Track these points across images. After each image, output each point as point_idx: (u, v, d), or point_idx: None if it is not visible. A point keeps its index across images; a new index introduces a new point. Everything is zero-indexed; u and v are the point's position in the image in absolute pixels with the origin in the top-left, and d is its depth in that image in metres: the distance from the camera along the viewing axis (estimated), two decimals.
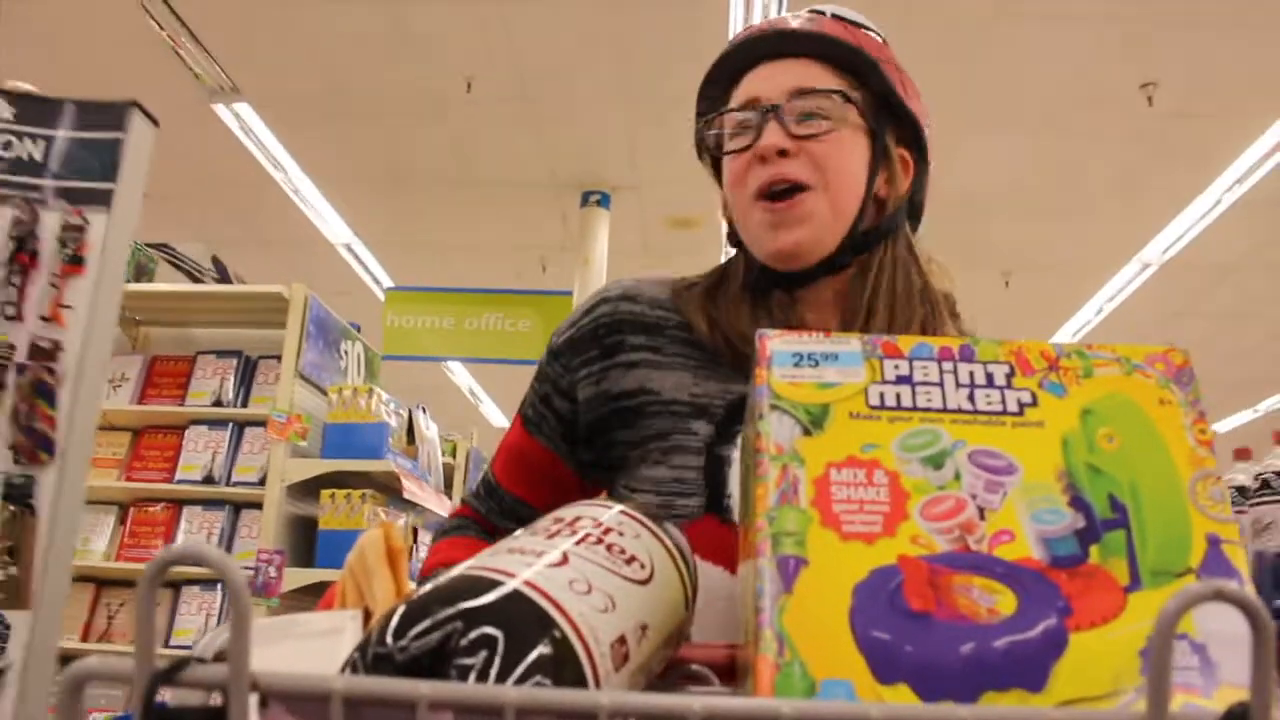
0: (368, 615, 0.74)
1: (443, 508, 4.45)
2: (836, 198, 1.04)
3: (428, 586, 0.51)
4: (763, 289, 1.08)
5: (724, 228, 1.17)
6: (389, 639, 0.46)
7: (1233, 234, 7.22)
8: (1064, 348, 0.59)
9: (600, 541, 0.60)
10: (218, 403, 4.00)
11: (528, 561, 0.54)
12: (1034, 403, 0.57)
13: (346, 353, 4.34)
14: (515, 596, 0.49)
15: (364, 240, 8.20)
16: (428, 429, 4.64)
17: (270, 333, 4.00)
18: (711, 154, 1.14)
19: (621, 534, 0.62)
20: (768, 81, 1.07)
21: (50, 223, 2.30)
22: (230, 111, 6.14)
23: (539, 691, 0.37)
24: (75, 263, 2.29)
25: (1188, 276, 8.11)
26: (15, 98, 2.37)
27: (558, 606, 0.50)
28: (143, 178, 2.42)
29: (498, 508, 1.17)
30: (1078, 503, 0.53)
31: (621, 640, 0.52)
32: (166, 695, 0.39)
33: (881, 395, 0.57)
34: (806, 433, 0.56)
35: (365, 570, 0.77)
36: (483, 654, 0.45)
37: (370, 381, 4.52)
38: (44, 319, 2.26)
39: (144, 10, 5.02)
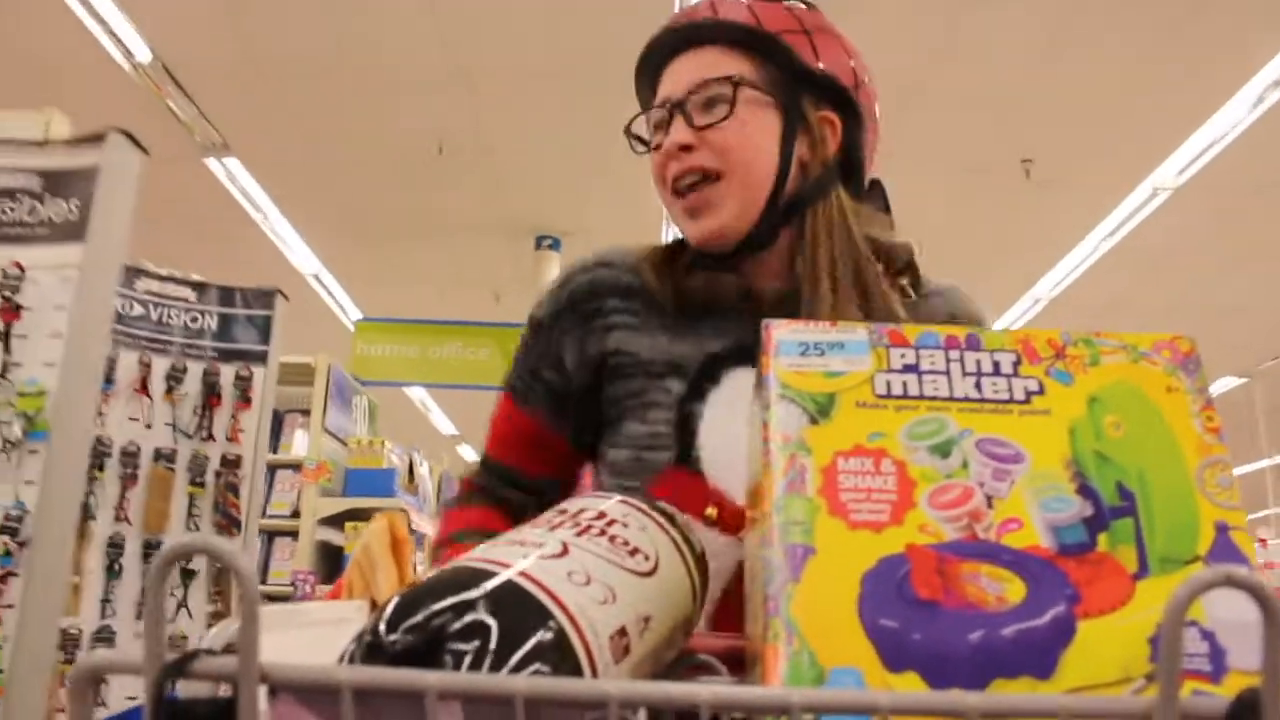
0: (374, 606, 0.75)
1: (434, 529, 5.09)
2: (746, 178, 1.06)
3: (426, 578, 0.51)
4: (708, 267, 1.10)
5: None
6: (383, 629, 0.47)
7: (1104, 280, 8.11)
8: (1071, 335, 0.59)
9: (603, 533, 0.60)
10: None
11: (526, 553, 0.54)
12: (1041, 391, 0.57)
13: (356, 405, 5.48)
14: (510, 587, 0.49)
15: (334, 274, 8.88)
16: (422, 467, 5.83)
17: (295, 390, 4.88)
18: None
19: (626, 525, 0.62)
20: (673, 77, 1.10)
21: (227, 374, 3.54)
22: (220, 164, 6.72)
23: (548, 681, 0.37)
24: (245, 401, 3.55)
25: (1068, 314, 8.87)
26: (198, 285, 3.59)
27: (553, 597, 0.50)
28: (280, 344, 3.67)
29: (498, 480, 1.19)
30: (1085, 490, 0.53)
31: (622, 632, 0.52)
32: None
33: (888, 384, 0.57)
34: (813, 422, 0.56)
35: (370, 561, 0.77)
36: (476, 642, 0.45)
37: (372, 425, 5.65)
38: (228, 439, 3.49)
39: (145, 76, 5.53)
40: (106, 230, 2.42)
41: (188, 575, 3.40)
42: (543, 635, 0.47)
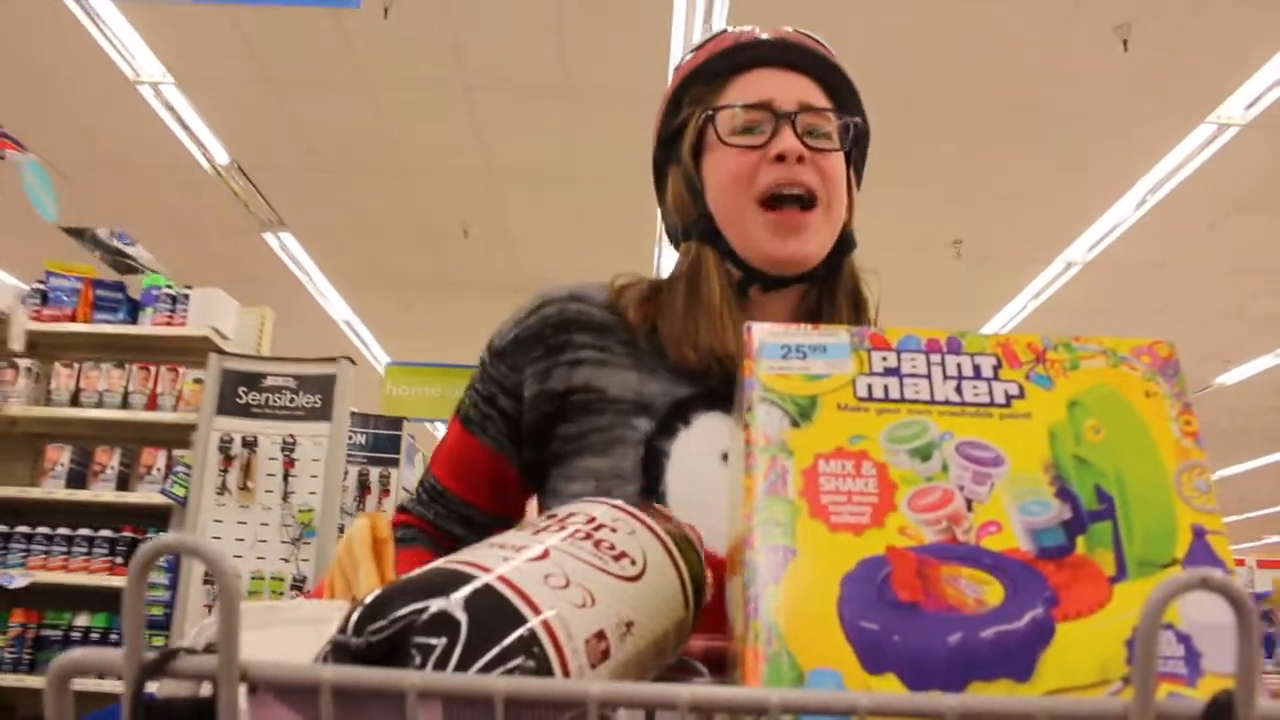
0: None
1: None
2: (836, 211, 1.08)
3: (400, 579, 0.51)
4: (743, 288, 1.10)
5: (670, 224, 1.19)
6: (351, 626, 0.47)
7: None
8: (1051, 340, 0.60)
9: (588, 537, 0.59)
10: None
11: (505, 555, 0.54)
12: (1021, 395, 0.57)
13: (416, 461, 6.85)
14: (482, 588, 0.49)
15: (366, 324, 10.38)
16: None
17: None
18: (693, 149, 1.12)
19: (614, 530, 0.61)
20: (781, 89, 1.07)
21: (374, 474, 5.95)
22: (275, 238, 8.00)
23: (528, 681, 0.37)
24: (385, 492, 5.90)
25: None
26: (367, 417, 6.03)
27: (526, 598, 0.49)
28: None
29: (444, 511, 1.14)
30: (1064, 494, 0.54)
31: (600, 636, 0.52)
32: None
33: (869, 387, 0.57)
34: (795, 424, 0.56)
35: (352, 561, 0.77)
36: (443, 639, 0.45)
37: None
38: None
39: (219, 172, 6.77)
40: (340, 413, 4.50)
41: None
42: (514, 636, 0.47)
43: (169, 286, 4.89)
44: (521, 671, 0.45)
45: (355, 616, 0.47)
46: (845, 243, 1.11)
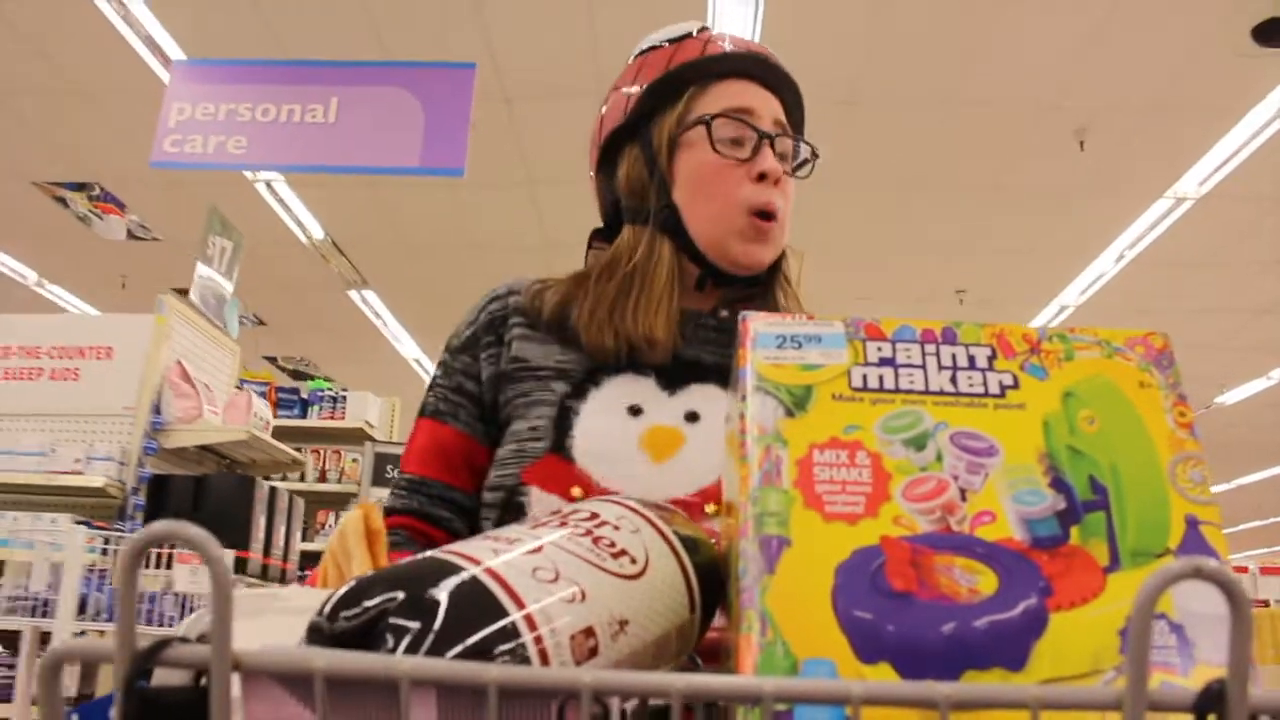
0: None
1: None
2: (785, 227, 1.18)
3: (386, 567, 0.50)
4: (701, 283, 1.17)
5: (609, 199, 1.24)
6: (326, 612, 0.47)
7: None
8: (1046, 330, 0.60)
9: (588, 533, 0.58)
10: None
11: (496, 548, 0.53)
12: (1015, 385, 0.57)
13: None
14: (462, 576, 0.49)
15: (431, 361, 11.19)
16: None
17: None
18: (672, 134, 1.17)
19: (616, 528, 0.60)
20: (763, 105, 1.16)
21: None
22: (359, 294, 9.20)
23: (521, 670, 0.37)
24: None
25: None
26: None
27: (507, 588, 0.49)
28: None
29: (426, 499, 1.16)
30: (1058, 484, 0.54)
31: (589, 632, 0.51)
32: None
33: (864, 377, 0.57)
34: (789, 414, 0.56)
35: (345, 552, 0.77)
36: (417, 623, 0.45)
37: None
38: None
39: (314, 243, 8.04)
40: None
41: None
42: (492, 626, 0.47)
43: (329, 389, 6.79)
44: (498, 662, 0.45)
45: (334, 600, 0.47)
46: (782, 258, 1.22)
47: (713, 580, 0.64)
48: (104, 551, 3.53)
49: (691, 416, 1.07)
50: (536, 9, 5.14)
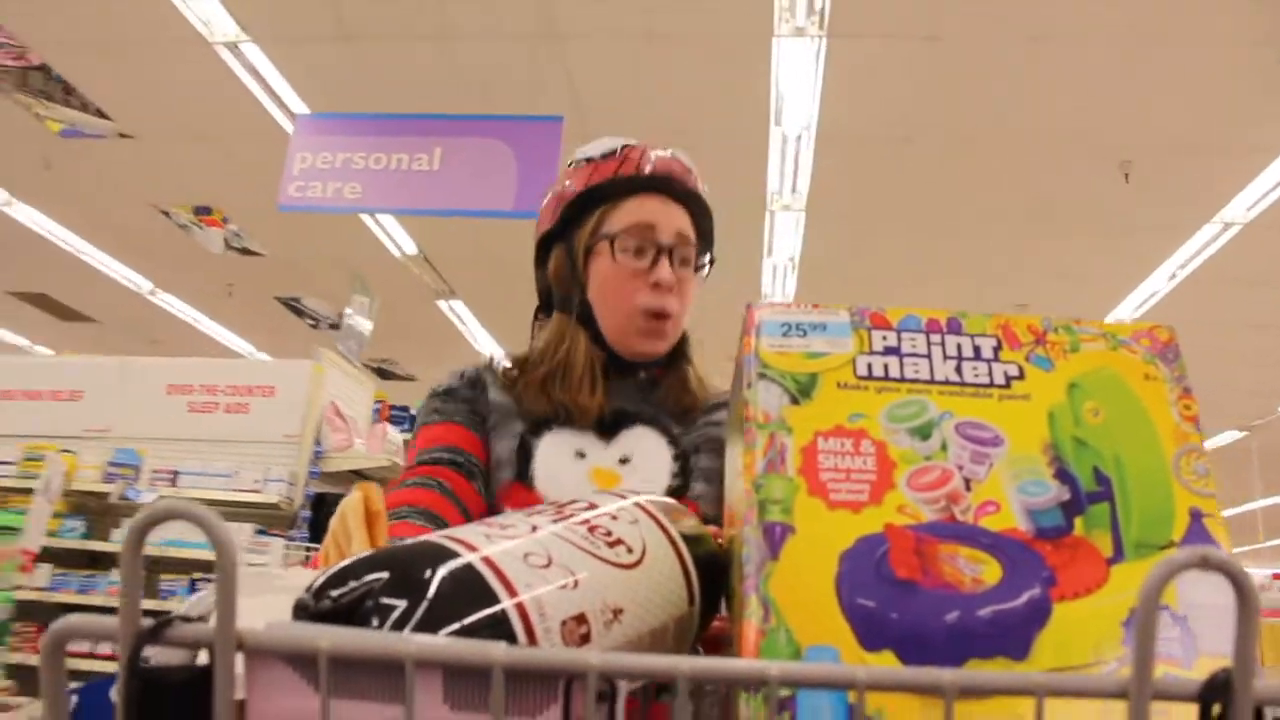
0: None
1: None
2: (680, 322, 1.34)
3: (378, 549, 0.50)
4: (606, 370, 1.33)
5: (543, 286, 1.42)
6: (312, 590, 0.47)
7: None
8: (1052, 322, 0.60)
9: (585, 522, 0.58)
10: None
11: (488, 533, 0.53)
12: (1021, 376, 0.57)
13: None
14: (453, 559, 0.49)
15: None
16: None
17: None
18: (588, 244, 1.33)
19: (615, 518, 0.60)
20: (664, 219, 1.31)
21: None
22: (447, 305, 10.05)
23: (528, 651, 0.36)
24: None
25: None
26: None
27: (497, 571, 0.49)
28: None
29: (440, 462, 1.26)
30: (1063, 475, 0.54)
31: (580, 619, 0.51)
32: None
33: (869, 366, 0.57)
34: (794, 401, 0.56)
35: (346, 533, 0.77)
36: (404, 602, 0.45)
37: None
38: None
39: (407, 258, 8.71)
40: None
41: None
42: (481, 608, 0.46)
43: None
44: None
45: (322, 579, 0.47)
46: (683, 339, 1.38)
47: (713, 574, 0.63)
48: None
49: (624, 460, 1.27)
50: (616, 68, 5.69)
